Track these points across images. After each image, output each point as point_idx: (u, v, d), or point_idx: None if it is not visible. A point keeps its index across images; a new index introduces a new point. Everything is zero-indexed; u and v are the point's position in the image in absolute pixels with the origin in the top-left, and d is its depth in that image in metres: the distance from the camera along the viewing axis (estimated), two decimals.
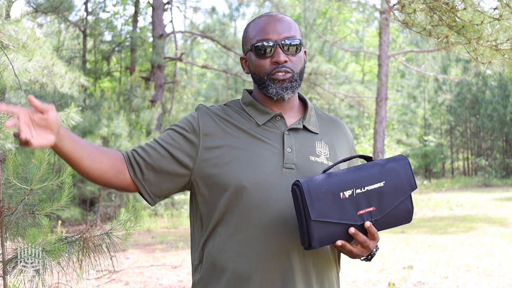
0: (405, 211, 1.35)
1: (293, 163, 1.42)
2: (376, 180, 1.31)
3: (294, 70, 1.45)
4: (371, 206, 1.30)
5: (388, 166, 1.33)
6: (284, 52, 1.44)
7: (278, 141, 1.44)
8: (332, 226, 1.28)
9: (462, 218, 10.59)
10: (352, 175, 1.31)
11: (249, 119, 1.48)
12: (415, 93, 27.31)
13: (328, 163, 1.46)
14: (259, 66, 1.46)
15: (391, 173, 1.33)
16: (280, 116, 1.48)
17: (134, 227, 2.10)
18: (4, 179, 1.87)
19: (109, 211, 10.96)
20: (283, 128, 1.47)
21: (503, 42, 2.02)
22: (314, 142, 1.49)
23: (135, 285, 5.35)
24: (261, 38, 1.45)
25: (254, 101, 1.51)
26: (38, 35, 4.59)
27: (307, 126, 1.50)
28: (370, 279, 5.35)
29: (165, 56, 13.65)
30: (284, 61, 1.43)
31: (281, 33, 1.44)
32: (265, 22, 1.47)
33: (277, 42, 1.43)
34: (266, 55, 1.44)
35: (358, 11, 15.48)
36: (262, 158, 1.41)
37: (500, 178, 22.69)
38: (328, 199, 1.27)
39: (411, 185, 1.34)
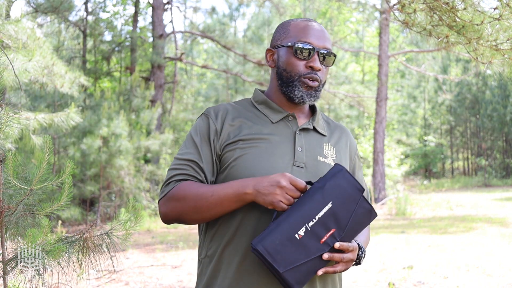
0: (365, 212, 1.35)
1: (302, 162, 1.47)
2: (322, 205, 1.30)
3: (322, 81, 1.52)
4: (330, 229, 1.30)
5: (328, 186, 1.31)
6: (320, 60, 1.50)
7: (290, 140, 1.50)
8: (304, 266, 1.29)
9: (462, 218, 10.59)
10: (298, 212, 1.30)
11: (262, 117, 1.53)
12: (415, 93, 27.32)
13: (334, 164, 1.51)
14: (293, 65, 1.50)
15: (333, 190, 1.31)
16: (293, 116, 1.54)
17: (134, 227, 2.10)
18: (4, 179, 1.87)
19: (109, 211, 10.96)
20: (295, 128, 1.52)
21: (503, 42, 2.02)
22: (322, 144, 1.54)
23: (135, 285, 5.35)
24: (304, 40, 1.50)
25: (268, 100, 1.56)
26: (38, 35, 4.59)
27: (316, 127, 1.56)
28: (370, 279, 5.35)
29: (165, 56, 13.65)
30: (318, 69, 1.49)
31: (324, 43, 1.51)
32: (309, 26, 1.53)
33: (318, 49, 1.49)
34: (303, 57, 1.49)
35: (358, 11, 15.48)
36: (274, 154, 1.45)
37: (500, 178, 22.69)
38: (287, 247, 1.28)
39: (358, 190, 1.33)
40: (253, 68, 18.01)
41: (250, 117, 1.52)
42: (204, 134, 1.49)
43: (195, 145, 1.48)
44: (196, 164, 1.45)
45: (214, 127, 1.49)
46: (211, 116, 1.51)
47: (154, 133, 11.18)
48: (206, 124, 1.50)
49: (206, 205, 1.38)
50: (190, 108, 18.20)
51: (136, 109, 11.29)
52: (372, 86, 21.12)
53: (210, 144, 1.48)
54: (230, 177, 1.43)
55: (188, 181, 1.43)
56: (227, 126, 1.49)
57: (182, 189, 1.42)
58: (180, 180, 1.44)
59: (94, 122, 9.75)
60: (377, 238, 8.13)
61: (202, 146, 1.47)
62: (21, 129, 4.27)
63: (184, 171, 1.45)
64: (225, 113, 1.52)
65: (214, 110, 1.53)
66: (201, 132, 1.50)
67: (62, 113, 5.39)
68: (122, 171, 10.27)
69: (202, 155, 1.46)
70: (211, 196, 1.37)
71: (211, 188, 1.38)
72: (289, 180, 1.29)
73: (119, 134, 9.81)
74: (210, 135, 1.48)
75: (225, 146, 1.46)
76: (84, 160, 9.78)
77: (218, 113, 1.52)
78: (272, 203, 1.30)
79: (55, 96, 8.97)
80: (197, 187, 1.40)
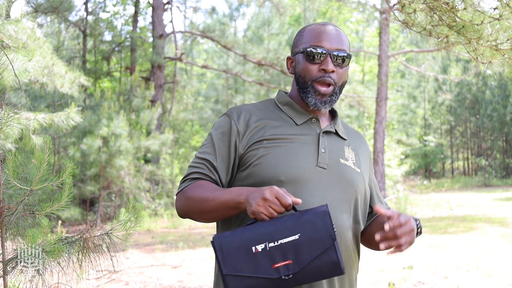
0: (330, 263, 1.30)
1: (325, 163, 1.50)
2: (290, 233, 1.29)
3: (337, 83, 1.53)
4: (287, 259, 1.28)
5: (304, 218, 1.30)
6: (333, 62, 1.51)
7: (313, 141, 1.52)
8: (249, 280, 1.29)
9: (462, 218, 10.59)
10: (267, 228, 1.30)
11: (286, 118, 1.56)
12: (415, 93, 27.31)
13: (355, 168, 1.55)
14: (307, 70, 1.53)
15: (307, 225, 1.29)
16: (316, 118, 1.57)
17: (134, 227, 2.10)
18: (4, 179, 1.87)
19: (109, 211, 10.96)
20: (318, 130, 1.55)
21: (503, 42, 2.02)
22: (343, 147, 1.58)
23: (135, 285, 5.35)
24: (315, 44, 1.52)
25: (292, 102, 1.59)
26: (38, 35, 4.59)
27: (337, 131, 1.59)
28: (370, 279, 5.35)
29: (165, 56, 13.65)
30: (331, 71, 1.50)
31: (334, 44, 1.52)
32: (321, 30, 1.54)
33: (329, 51, 1.50)
34: (315, 61, 1.51)
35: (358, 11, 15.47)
36: (298, 155, 1.48)
37: (500, 178, 22.69)
38: (240, 254, 1.28)
39: (330, 237, 1.30)
40: (253, 68, 18.00)
41: (275, 118, 1.56)
42: (224, 134, 1.53)
43: (213, 144, 1.53)
44: (211, 164, 1.51)
45: (236, 128, 1.52)
46: (233, 117, 1.54)
47: (154, 133, 11.18)
48: (228, 124, 1.54)
49: (208, 208, 1.44)
50: (190, 108, 18.20)
51: (136, 109, 11.29)
52: (372, 86, 21.11)
53: (229, 144, 1.52)
54: (253, 175, 1.47)
55: (201, 181, 1.50)
56: (252, 127, 1.52)
57: (193, 189, 1.48)
58: (195, 178, 1.51)
59: (94, 122, 9.75)
60: None
61: (220, 146, 1.52)
62: (21, 129, 4.26)
63: (199, 169, 1.52)
64: (248, 114, 1.55)
65: (237, 111, 1.56)
66: (222, 132, 1.54)
67: (62, 113, 5.39)
68: (122, 171, 10.27)
69: (218, 155, 1.51)
70: (212, 201, 1.42)
71: (215, 193, 1.43)
72: (275, 194, 1.30)
73: (119, 134, 9.81)
74: (231, 136, 1.52)
75: (250, 146, 1.49)
76: (84, 160, 9.78)
77: (241, 115, 1.55)
78: (253, 213, 1.32)
79: (55, 96, 8.97)
80: (205, 190, 1.46)
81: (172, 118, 15.13)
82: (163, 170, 13.28)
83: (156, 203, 12.17)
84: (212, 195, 1.43)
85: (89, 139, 9.44)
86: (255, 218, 1.32)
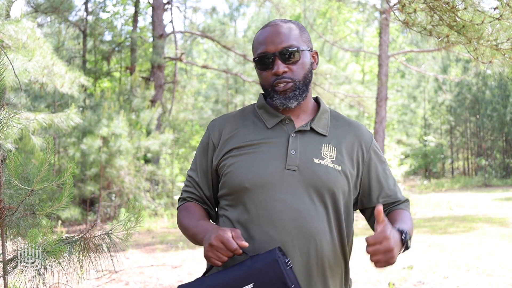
0: None
1: (295, 165, 1.44)
2: (244, 283, 1.28)
3: (296, 79, 1.47)
4: None
5: (255, 267, 1.29)
6: (283, 62, 1.46)
7: (283, 143, 1.48)
8: None
9: (462, 218, 10.59)
10: (222, 279, 1.31)
11: (259, 123, 1.54)
12: (415, 93, 27.30)
13: (333, 166, 1.47)
14: (263, 78, 1.51)
15: (258, 274, 1.28)
16: (289, 119, 1.52)
17: (134, 227, 2.10)
18: (5, 179, 1.87)
19: (109, 211, 10.96)
20: (290, 131, 1.50)
21: (503, 41, 2.02)
22: (320, 145, 1.50)
23: (135, 285, 5.35)
24: (261, 51, 1.49)
25: (266, 105, 1.57)
26: (38, 35, 4.58)
27: (315, 128, 1.52)
28: (370, 279, 5.35)
29: (165, 56, 13.65)
30: (283, 72, 1.46)
31: (278, 44, 1.47)
32: (264, 34, 1.51)
33: (275, 53, 1.46)
34: (267, 67, 1.48)
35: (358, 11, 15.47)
36: (265, 160, 1.45)
37: (500, 178, 22.68)
38: None
39: (284, 284, 1.27)
40: (253, 68, 17.95)
41: (247, 124, 1.54)
42: (204, 149, 1.59)
43: (196, 161, 1.61)
44: (195, 181, 1.60)
45: (212, 141, 1.56)
46: (210, 130, 1.58)
47: (154, 133, 11.17)
48: (207, 138, 1.59)
49: (188, 236, 1.54)
50: (190, 108, 18.19)
51: (136, 109, 11.28)
52: (372, 86, 21.11)
53: (207, 159, 1.57)
54: (225, 185, 1.50)
55: (187, 204, 1.61)
56: (224, 138, 1.53)
57: (181, 213, 1.60)
58: (185, 198, 1.62)
59: (94, 122, 9.75)
60: None
61: (201, 161, 1.59)
62: (21, 129, 4.26)
63: (187, 187, 1.62)
64: (222, 126, 1.56)
65: (213, 125, 1.59)
66: (202, 147, 1.60)
67: (62, 113, 5.39)
68: (122, 171, 10.27)
69: (199, 171, 1.59)
70: (188, 230, 1.53)
71: (190, 223, 1.53)
72: (221, 240, 1.30)
73: (119, 134, 9.80)
74: (208, 150, 1.57)
75: (222, 157, 1.51)
76: (84, 160, 9.78)
77: (215, 127, 1.57)
78: (205, 258, 1.36)
79: (55, 96, 8.97)
80: (187, 217, 1.56)
81: (172, 118, 15.13)
82: (163, 170, 13.27)
83: (156, 203, 12.17)
84: (188, 225, 1.53)
85: (89, 139, 9.44)
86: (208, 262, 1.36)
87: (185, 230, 1.55)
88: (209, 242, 1.33)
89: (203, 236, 1.40)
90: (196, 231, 1.47)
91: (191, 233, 1.51)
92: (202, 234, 1.41)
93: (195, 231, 1.47)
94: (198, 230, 1.46)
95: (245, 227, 1.43)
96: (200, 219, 1.52)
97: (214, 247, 1.32)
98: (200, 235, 1.43)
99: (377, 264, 1.29)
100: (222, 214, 1.53)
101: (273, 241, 1.39)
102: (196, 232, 1.47)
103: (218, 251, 1.32)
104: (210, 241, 1.33)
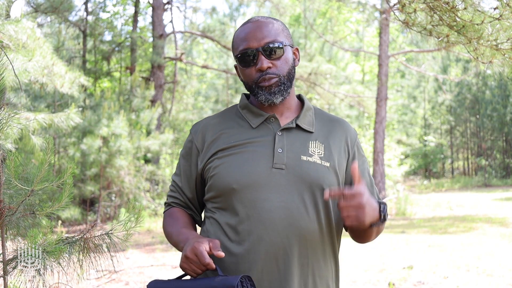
0: None
1: (283, 163, 1.43)
2: None
3: (280, 74, 1.46)
4: None
5: (215, 285, 1.28)
6: (267, 58, 1.44)
7: (269, 142, 1.46)
8: None
9: (462, 218, 10.59)
10: (188, 285, 1.33)
11: (243, 123, 1.52)
12: (415, 93, 27.31)
13: (322, 163, 1.46)
14: (246, 75, 1.49)
15: None
16: (274, 117, 1.50)
17: (134, 227, 2.10)
18: (4, 179, 1.87)
19: (109, 211, 10.96)
20: (276, 129, 1.48)
21: (503, 41, 2.02)
22: (307, 142, 1.49)
23: (135, 285, 5.35)
24: (243, 48, 1.46)
25: (249, 104, 1.54)
26: (38, 35, 4.58)
27: (300, 124, 1.50)
28: (370, 279, 5.35)
29: (165, 56, 13.65)
30: (267, 68, 1.44)
31: (261, 40, 1.45)
32: (246, 30, 1.48)
33: (258, 49, 1.44)
34: (250, 64, 1.46)
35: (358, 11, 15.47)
36: (251, 160, 1.43)
37: (500, 178, 22.69)
38: None
39: None
40: None
41: (231, 125, 1.52)
42: (187, 154, 1.58)
43: (179, 166, 1.60)
44: (178, 186, 1.59)
45: (195, 146, 1.54)
46: (193, 135, 1.56)
47: (154, 133, 11.17)
48: (190, 143, 1.57)
49: (171, 242, 1.54)
50: (190, 108, 18.20)
51: (136, 109, 11.28)
52: (372, 86, 21.11)
53: (191, 163, 1.56)
54: (212, 188, 1.48)
55: (171, 210, 1.60)
56: (208, 141, 1.51)
57: (165, 219, 1.60)
58: (170, 203, 1.62)
59: (94, 122, 9.75)
60: (377, 238, 8.13)
61: (185, 166, 1.58)
62: (21, 129, 4.26)
63: (171, 193, 1.62)
64: (205, 129, 1.54)
65: (196, 128, 1.58)
66: (185, 152, 1.58)
67: (62, 113, 5.39)
68: (122, 171, 10.27)
69: (182, 176, 1.58)
70: (171, 238, 1.53)
71: (172, 230, 1.53)
72: (195, 253, 1.30)
73: (119, 134, 9.80)
74: (192, 155, 1.55)
75: (207, 160, 1.49)
76: (84, 160, 9.78)
77: (199, 131, 1.55)
78: (181, 268, 1.36)
79: (55, 96, 8.97)
80: (170, 223, 1.56)
81: (172, 118, 15.14)
82: (163, 170, 13.27)
83: (156, 203, 12.17)
84: (171, 232, 1.53)
85: (89, 139, 9.44)
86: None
87: (169, 237, 1.54)
88: (185, 254, 1.33)
89: (183, 245, 1.41)
90: (178, 239, 1.47)
91: (174, 241, 1.50)
92: (183, 243, 1.42)
93: (177, 239, 1.48)
94: (180, 238, 1.46)
95: (234, 229, 1.41)
96: (183, 226, 1.51)
97: (189, 259, 1.32)
98: (181, 244, 1.43)
99: (348, 219, 1.30)
100: (210, 217, 1.50)
101: (263, 241, 1.37)
102: (178, 240, 1.47)
103: (192, 264, 1.32)
104: (186, 252, 1.33)
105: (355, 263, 6.15)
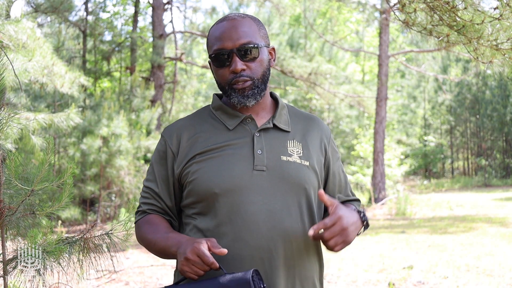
0: None
1: (263, 165, 1.41)
2: None
3: (254, 77, 1.42)
4: None
5: (227, 285, 1.24)
6: (241, 59, 1.41)
7: (248, 144, 1.43)
8: None
9: (462, 218, 10.59)
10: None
11: (218, 126, 1.48)
12: (415, 93, 27.31)
13: (301, 162, 1.44)
14: (219, 76, 1.45)
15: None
16: (250, 118, 1.47)
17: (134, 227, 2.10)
18: (5, 179, 1.87)
19: (109, 211, 10.96)
20: (253, 130, 1.45)
21: (503, 41, 2.02)
22: (285, 142, 1.47)
23: (135, 285, 5.36)
24: (217, 47, 1.42)
25: (224, 105, 1.50)
26: (38, 35, 4.58)
27: (277, 124, 1.48)
28: (370, 279, 5.35)
29: (165, 56, 13.65)
30: (241, 70, 1.40)
31: (236, 40, 1.40)
32: (221, 29, 1.44)
33: (232, 50, 1.40)
34: (224, 64, 1.42)
35: (358, 11, 15.47)
36: (231, 163, 1.40)
37: (500, 178, 22.68)
38: None
39: None
40: None
41: (207, 128, 1.48)
42: (162, 158, 1.51)
43: (153, 171, 1.52)
44: (154, 192, 1.51)
45: (170, 150, 1.48)
46: (167, 139, 1.50)
47: (154, 133, 11.18)
48: (163, 147, 1.51)
49: (154, 251, 1.45)
50: (190, 108, 18.19)
51: (136, 109, 11.28)
52: (372, 86, 21.11)
53: (167, 168, 1.49)
54: (191, 193, 1.43)
55: (148, 216, 1.51)
56: (184, 145, 1.46)
57: (142, 227, 1.50)
58: (144, 211, 1.53)
59: (94, 122, 9.75)
60: (377, 238, 8.13)
61: (160, 171, 1.51)
62: (21, 129, 4.26)
63: (146, 199, 1.53)
64: (180, 133, 1.49)
65: (170, 132, 1.51)
66: (159, 156, 1.51)
67: (62, 113, 5.39)
68: (122, 171, 10.26)
69: (158, 182, 1.50)
70: (154, 245, 1.43)
71: (157, 236, 1.43)
72: (197, 253, 1.25)
73: (119, 134, 9.80)
74: (167, 160, 1.49)
75: (184, 165, 1.45)
76: (84, 160, 9.78)
77: (173, 135, 1.50)
78: (180, 272, 1.30)
79: (55, 96, 8.97)
80: (150, 231, 1.46)
81: (172, 118, 15.13)
82: None
83: None
84: (154, 239, 1.43)
85: (89, 139, 9.44)
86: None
87: (151, 245, 1.45)
88: (185, 256, 1.27)
89: (176, 249, 1.34)
90: (167, 245, 1.39)
91: (159, 247, 1.42)
92: (175, 247, 1.34)
93: (166, 245, 1.39)
94: (169, 243, 1.38)
95: (217, 234, 1.38)
96: (168, 231, 1.44)
97: (190, 261, 1.26)
98: (172, 248, 1.36)
99: (336, 248, 1.30)
100: (189, 223, 1.46)
101: (248, 245, 1.35)
102: (167, 246, 1.39)
103: (194, 265, 1.26)
104: (186, 254, 1.27)
105: (355, 263, 6.15)
